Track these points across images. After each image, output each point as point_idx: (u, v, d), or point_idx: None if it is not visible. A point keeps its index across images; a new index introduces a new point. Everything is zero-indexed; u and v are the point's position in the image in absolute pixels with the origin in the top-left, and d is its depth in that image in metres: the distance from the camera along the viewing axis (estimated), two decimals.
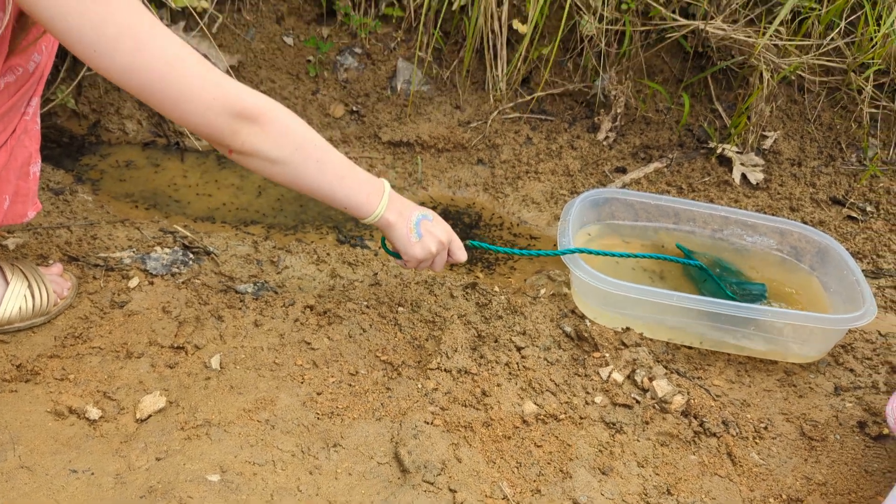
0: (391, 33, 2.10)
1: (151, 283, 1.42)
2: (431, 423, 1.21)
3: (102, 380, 1.20)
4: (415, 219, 1.24)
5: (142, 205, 1.73)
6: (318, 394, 1.24)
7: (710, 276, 1.56)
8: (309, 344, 1.33)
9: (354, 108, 2.04)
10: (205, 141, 1.92)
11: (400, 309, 1.45)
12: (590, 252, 1.50)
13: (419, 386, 1.28)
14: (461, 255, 1.33)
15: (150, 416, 1.15)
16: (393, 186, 1.88)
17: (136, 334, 1.30)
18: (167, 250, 1.50)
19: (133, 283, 1.40)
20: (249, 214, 1.74)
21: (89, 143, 1.90)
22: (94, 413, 1.13)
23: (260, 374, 1.26)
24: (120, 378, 1.21)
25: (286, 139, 1.05)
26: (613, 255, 1.54)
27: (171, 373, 1.24)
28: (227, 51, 2.02)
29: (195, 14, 1.92)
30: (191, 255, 1.51)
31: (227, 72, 1.98)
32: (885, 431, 1.28)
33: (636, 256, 1.58)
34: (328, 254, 1.59)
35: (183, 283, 1.43)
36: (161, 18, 1.89)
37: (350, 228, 1.74)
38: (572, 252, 1.44)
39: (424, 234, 1.24)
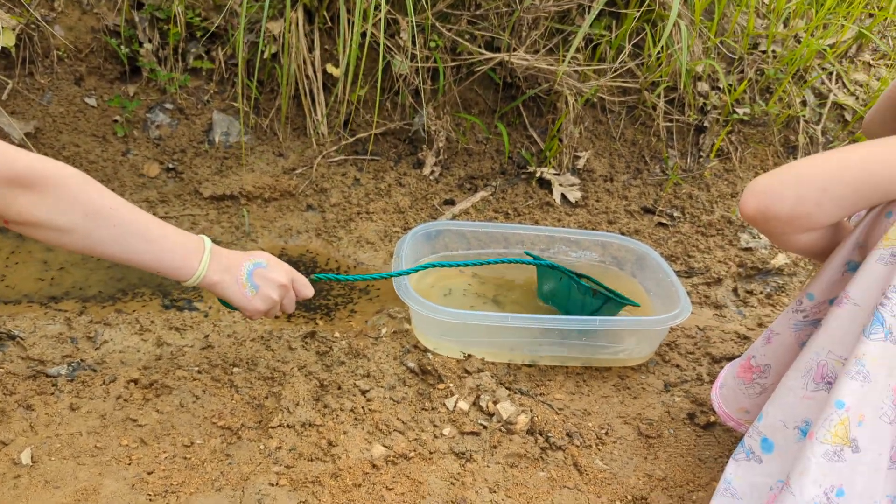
0: (203, 86, 2.04)
1: None
2: (276, 484, 1.15)
3: None
4: (245, 271, 1.16)
5: None
6: (149, 473, 1.15)
7: (563, 272, 1.57)
8: (135, 420, 1.24)
9: (171, 166, 1.95)
10: None
11: (235, 370, 1.38)
12: (441, 265, 1.48)
13: (261, 447, 1.22)
14: (307, 291, 1.26)
15: None
16: (219, 242, 1.81)
17: None
18: None
19: None
20: (61, 289, 1.61)
21: None
22: None
23: (79, 462, 1.15)
24: None
25: (72, 205, 0.96)
26: (464, 265, 1.52)
27: None
28: (22, 117, 1.88)
29: None
30: None
31: (23, 140, 1.83)
32: (713, 419, 1.36)
33: (487, 263, 1.56)
34: (153, 321, 1.50)
35: None
36: None
37: (176, 292, 1.64)
38: (424, 268, 1.43)
39: (261, 283, 1.17)
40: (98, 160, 1.91)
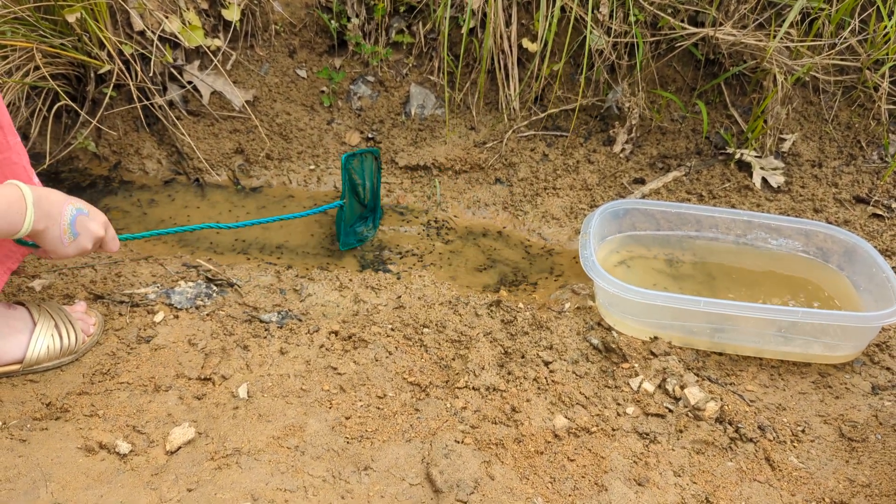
0: (402, 60, 2.12)
1: (176, 317, 1.43)
2: (462, 442, 1.19)
3: (131, 414, 1.20)
4: (69, 217, 1.11)
5: (164, 241, 1.74)
6: (347, 418, 1.23)
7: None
8: (335, 369, 1.33)
9: (370, 136, 2.06)
10: (224, 176, 1.95)
11: (425, 330, 1.45)
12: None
13: (448, 405, 1.27)
14: (114, 245, 1.25)
15: (179, 447, 1.15)
16: (411, 210, 1.90)
17: (163, 368, 1.30)
18: (191, 284, 1.51)
19: (158, 317, 1.41)
20: (271, 245, 1.76)
21: (111, 185, 1.93)
22: (124, 447, 1.13)
23: (288, 402, 1.25)
24: (149, 412, 1.21)
25: None
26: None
27: (199, 404, 1.24)
28: (243, 86, 2.05)
29: (209, 52, 1.95)
30: (214, 288, 1.52)
31: (243, 107, 2.01)
32: None
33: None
34: (350, 280, 1.59)
35: (208, 315, 1.44)
36: (175, 59, 1.93)
37: (371, 255, 1.74)
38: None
39: (81, 232, 1.14)
40: (306, 128, 2.05)
